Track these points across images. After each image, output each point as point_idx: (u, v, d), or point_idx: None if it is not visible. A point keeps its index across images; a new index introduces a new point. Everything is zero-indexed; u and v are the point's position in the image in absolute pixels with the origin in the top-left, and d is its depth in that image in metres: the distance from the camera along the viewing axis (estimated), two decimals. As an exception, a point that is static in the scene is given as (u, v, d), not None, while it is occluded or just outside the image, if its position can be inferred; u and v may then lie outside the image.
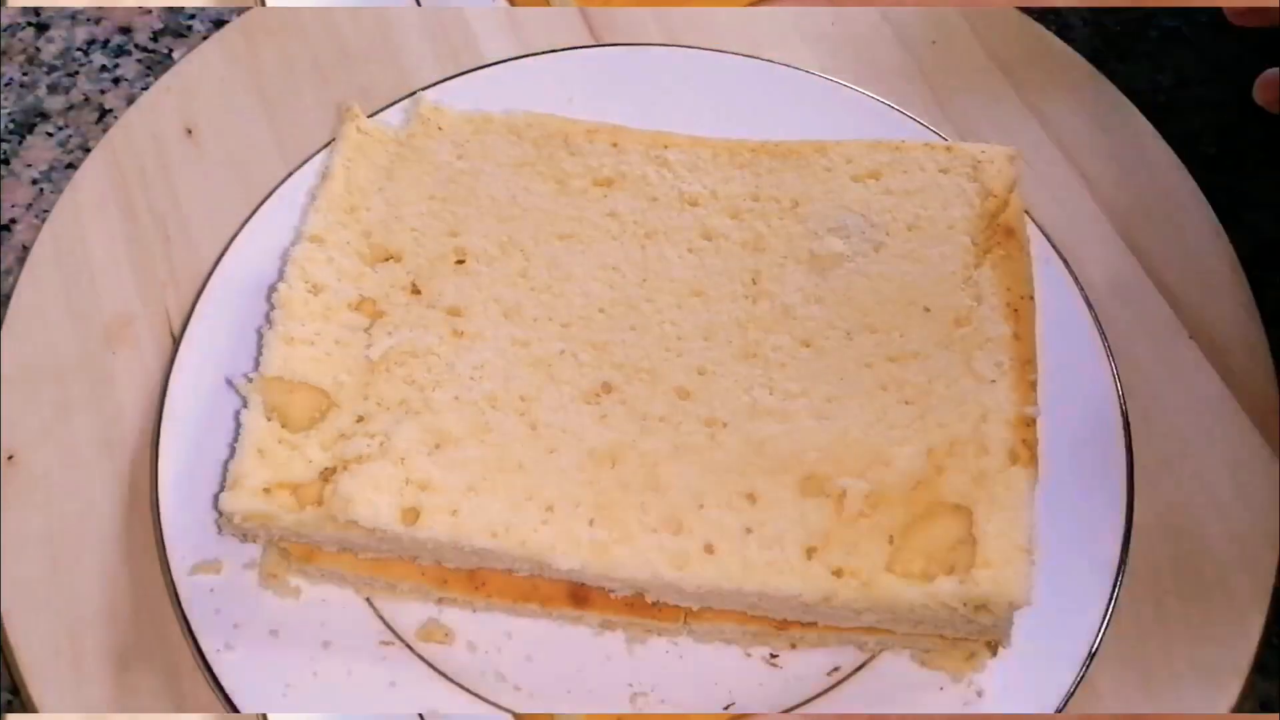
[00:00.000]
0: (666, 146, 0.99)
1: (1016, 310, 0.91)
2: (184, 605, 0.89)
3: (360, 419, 0.87)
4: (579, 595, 0.89)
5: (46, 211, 1.11)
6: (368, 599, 0.92)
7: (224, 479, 0.85)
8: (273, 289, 0.91)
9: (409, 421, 0.86)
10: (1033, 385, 0.88)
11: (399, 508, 0.83)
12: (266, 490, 0.84)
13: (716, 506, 0.84)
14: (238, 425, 0.87)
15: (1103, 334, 0.99)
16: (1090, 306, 1.00)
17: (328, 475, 0.85)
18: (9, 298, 1.06)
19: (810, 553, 0.82)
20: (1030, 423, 0.86)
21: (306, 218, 0.95)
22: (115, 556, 0.95)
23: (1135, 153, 1.15)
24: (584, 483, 0.85)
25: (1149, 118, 1.17)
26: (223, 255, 1.03)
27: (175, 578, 0.90)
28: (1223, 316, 1.06)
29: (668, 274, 0.93)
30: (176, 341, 0.99)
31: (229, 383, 0.95)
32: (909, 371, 0.89)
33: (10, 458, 0.99)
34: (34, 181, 1.15)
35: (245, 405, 0.87)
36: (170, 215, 1.10)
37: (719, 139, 1.00)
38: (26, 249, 1.09)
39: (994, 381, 0.87)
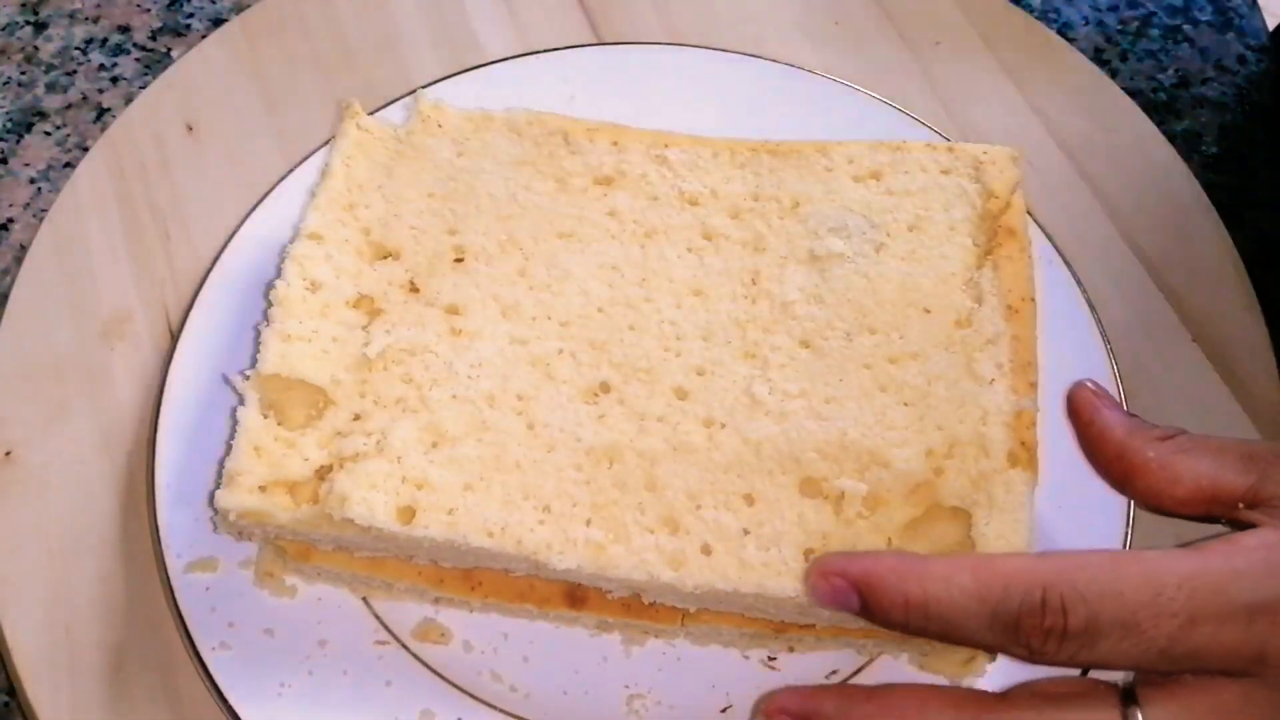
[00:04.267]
0: (667, 145, 0.99)
1: (1017, 311, 0.91)
2: (180, 603, 0.89)
3: (357, 417, 0.86)
4: (576, 596, 0.89)
5: (44, 211, 1.10)
6: (364, 598, 0.92)
7: (220, 476, 0.85)
8: (271, 286, 0.91)
9: (406, 420, 0.85)
10: (1033, 387, 0.88)
11: (395, 506, 0.82)
12: (262, 488, 0.83)
13: (714, 507, 0.84)
14: (235, 423, 0.86)
15: (1104, 335, 0.99)
16: (1092, 307, 1.00)
17: (324, 473, 0.84)
18: (7, 296, 1.06)
19: (808, 554, 0.82)
20: (1030, 424, 0.86)
21: (305, 215, 0.94)
22: (112, 553, 0.95)
23: (1137, 152, 1.14)
24: (581, 482, 0.84)
25: (1151, 117, 1.17)
26: (222, 252, 1.02)
27: (171, 575, 0.90)
28: (1225, 317, 1.06)
29: (667, 273, 0.93)
30: (175, 338, 0.98)
31: (226, 380, 0.95)
32: (908, 373, 0.88)
33: (8, 454, 0.98)
34: (32, 181, 1.15)
35: (242, 402, 0.87)
36: (170, 212, 1.10)
37: (720, 138, 1.00)
38: (24, 248, 1.09)
39: (993, 383, 0.87)
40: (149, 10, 1.26)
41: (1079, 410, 0.88)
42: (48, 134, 1.18)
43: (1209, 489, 0.81)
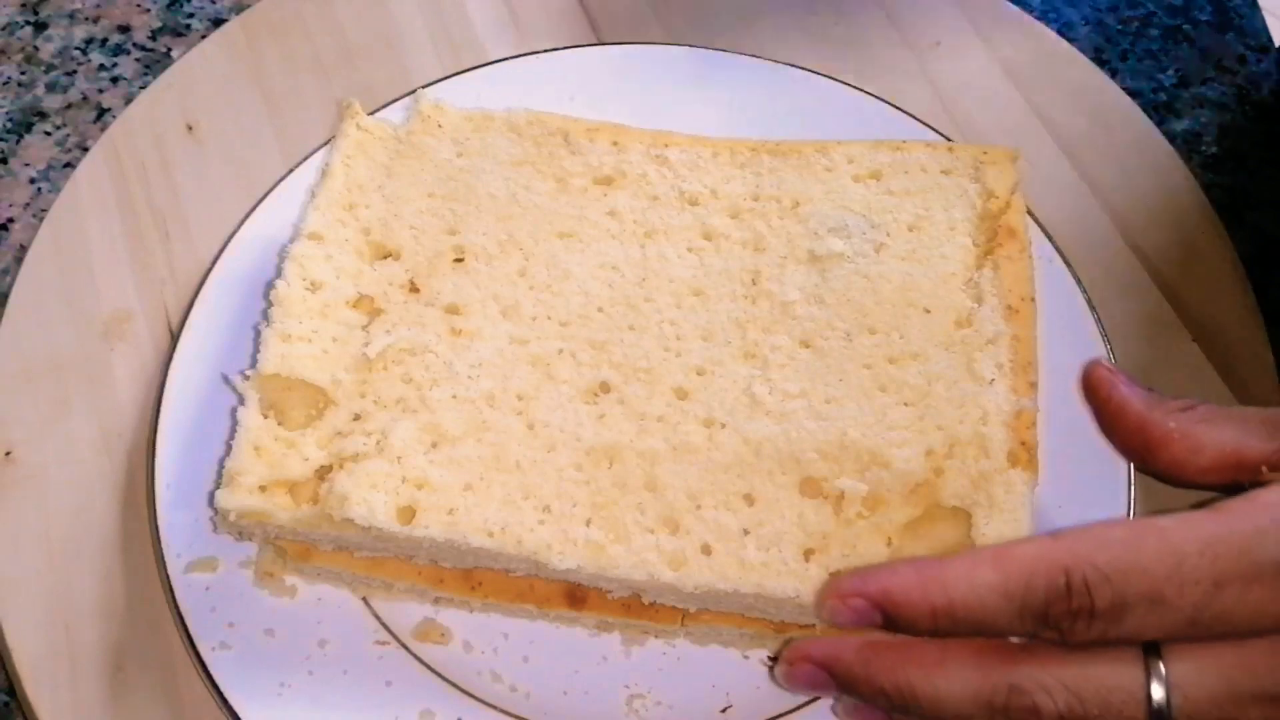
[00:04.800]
0: (667, 145, 0.99)
1: (1017, 311, 0.91)
2: (179, 603, 0.89)
3: (357, 417, 0.86)
4: (576, 596, 0.89)
5: (44, 211, 1.11)
6: (364, 598, 0.92)
7: (220, 476, 0.85)
8: (271, 286, 0.91)
9: (406, 420, 0.86)
10: (1033, 386, 0.88)
11: (395, 506, 0.82)
12: (262, 488, 0.84)
13: (714, 507, 0.84)
14: (235, 423, 0.86)
15: (1105, 335, 0.99)
16: (1092, 307, 1.00)
17: (324, 473, 0.84)
18: (7, 296, 1.06)
19: (808, 554, 0.82)
20: (1030, 424, 0.86)
21: (306, 215, 0.94)
22: (112, 554, 0.95)
23: (1137, 152, 1.14)
24: (581, 482, 0.84)
25: (1150, 117, 1.17)
26: (222, 252, 1.02)
27: (171, 575, 0.90)
28: (1224, 317, 1.06)
29: (667, 273, 0.93)
30: (175, 338, 0.98)
31: (226, 380, 0.95)
32: (908, 373, 0.88)
33: (8, 454, 0.98)
34: (32, 180, 1.15)
35: (242, 402, 0.87)
36: (170, 212, 1.10)
37: (720, 138, 1.00)
38: (24, 249, 1.09)
39: (993, 383, 0.87)
40: (149, 10, 1.26)
41: (1096, 388, 0.88)
42: (48, 134, 1.18)
43: (1233, 456, 0.81)
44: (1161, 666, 0.70)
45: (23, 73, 1.21)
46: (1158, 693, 0.70)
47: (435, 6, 1.22)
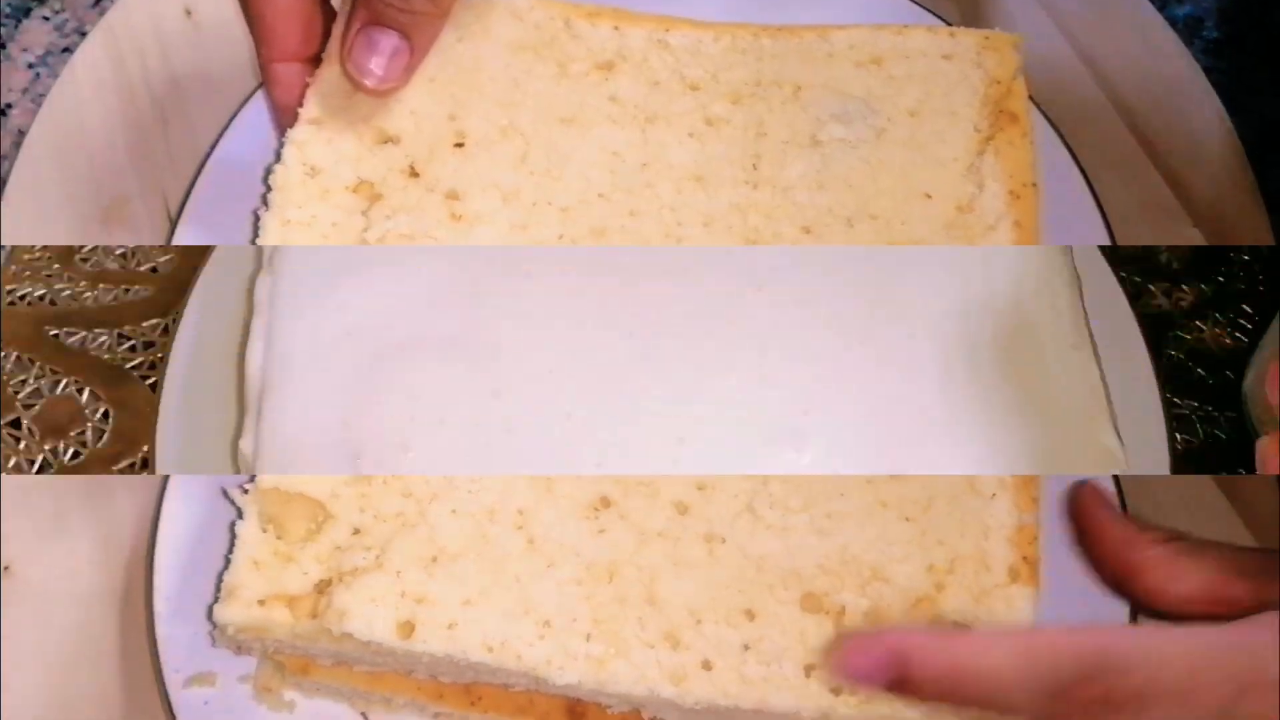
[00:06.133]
0: (669, 30, 0.98)
1: (1019, 197, 0.91)
2: (178, 719, 0.88)
3: (356, 531, 0.84)
4: (576, 711, 0.88)
5: (42, 96, 1.10)
6: (363, 713, 0.91)
7: (218, 590, 0.82)
8: (270, 170, 0.90)
9: (405, 534, 0.83)
10: (1035, 502, 0.86)
11: (394, 621, 0.80)
12: (261, 602, 0.81)
13: (715, 622, 0.81)
14: (233, 536, 0.83)
15: (1106, 220, 0.99)
16: (1094, 192, 1.00)
17: (323, 587, 0.82)
18: (5, 182, 1.05)
19: (809, 670, 0.80)
20: (1031, 540, 0.84)
21: (306, 99, 0.93)
22: (110, 668, 0.94)
23: (1139, 38, 1.14)
24: (581, 597, 0.82)
25: (1152, 1, 1.16)
26: (220, 137, 1.02)
27: (169, 690, 0.88)
28: (1226, 201, 1.06)
29: (668, 159, 0.92)
30: (173, 223, 0.98)
31: (224, 493, 0.90)
32: (909, 488, 0.86)
33: (6, 566, 0.96)
34: (30, 66, 1.14)
35: (240, 516, 0.84)
36: (168, 97, 1.09)
37: (722, 23, 0.99)
38: (23, 133, 1.09)
39: (995, 497, 0.85)
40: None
41: (1080, 511, 0.87)
42: (46, 19, 1.17)
43: (1215, 588, 0.79)
44: None
45: (20, -43, 1.21)
46: None
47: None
